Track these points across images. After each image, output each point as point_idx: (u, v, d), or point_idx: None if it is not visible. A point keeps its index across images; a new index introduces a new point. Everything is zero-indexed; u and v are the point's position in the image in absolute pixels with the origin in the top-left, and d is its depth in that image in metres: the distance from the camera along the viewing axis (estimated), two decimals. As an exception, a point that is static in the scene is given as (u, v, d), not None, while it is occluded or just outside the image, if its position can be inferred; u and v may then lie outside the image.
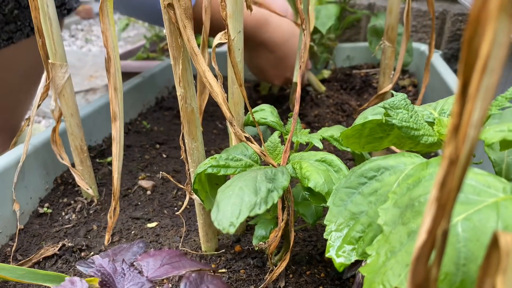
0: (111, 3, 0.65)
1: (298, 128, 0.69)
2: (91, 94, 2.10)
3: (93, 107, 1.11)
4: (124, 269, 0.49)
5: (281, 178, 0.52)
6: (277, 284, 0.66)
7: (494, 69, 0.18)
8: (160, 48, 2.18)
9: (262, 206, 0.48)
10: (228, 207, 0.48)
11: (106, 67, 0.67)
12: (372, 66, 1.48)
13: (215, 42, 0.59)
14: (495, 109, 0.48)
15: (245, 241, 0.77)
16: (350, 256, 0.43)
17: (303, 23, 0.67)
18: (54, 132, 0.85)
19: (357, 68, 1.49)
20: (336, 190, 0.47)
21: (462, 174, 0.21)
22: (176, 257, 0.54)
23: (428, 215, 0.22)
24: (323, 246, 0.74)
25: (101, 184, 0.96)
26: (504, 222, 0.31)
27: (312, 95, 1.30)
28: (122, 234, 0.81)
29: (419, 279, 0.23)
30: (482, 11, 0.18)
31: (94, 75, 2.32)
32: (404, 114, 0.48)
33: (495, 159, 0.51)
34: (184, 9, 0.52)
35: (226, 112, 0.58)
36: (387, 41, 0.94)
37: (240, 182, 0.51)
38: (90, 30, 4.18)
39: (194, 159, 0.65)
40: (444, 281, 0.31)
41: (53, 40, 0.77)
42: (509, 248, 0.20)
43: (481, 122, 0.19)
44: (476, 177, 0.35)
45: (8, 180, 0.82)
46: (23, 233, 0.82)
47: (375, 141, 0.56)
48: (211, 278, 0.50)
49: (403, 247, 0.34)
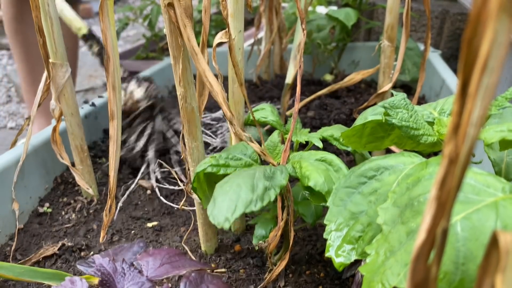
0: (111, 3, 0.65)
1: (298, 127, 0.69)
2: (90, 94, 2.10)
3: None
4: (124, 269, 0.49)
5: (280, 176, 0.52)
6: (276, 283, 0.66)
7: (494, 68, 0.18)
8: (159, 47, 2.18)
9: (258, 204, 0.48)
10: (224, 202, 0.48)
11: (105, 66, 0.67)
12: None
13: (216, 42, 0.59)
14: (495, 109, 0.48)
15: (245, 241, 0.77)
16: (349, 255, 0.43)
17: (303, 23, 0.67)
18: (54, 132, 0.85)
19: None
20: (336, 189, 0.47)
21: (462, 173, 0.21)
22: (175, 257, 0.54)
23: (428, 214, 0.22)
24: (322, 245, 0.74)
25: (101, 184, 0.96)
26: (503, 221, 0.31)
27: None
28: (122, 233, 0.81)
29: (419, 278, 0.23)
30: (482, 10, 0.18)
31: (94, 74, 2.31)
32: (404, 114, 0.48)
33: (494, 159, 0.51)
34: (184, 8, 0.52)
35: (226, 111, 0.58)
36: (387, 40, 0.94)
37: (238, 178, 0.51)
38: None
39: (194, 158, 0.65)
40: (443, 280, 0.31)
41: (53, 39, 0.77)
42: (508, 247, 0.20)
43: (481, 121, 0.20)
44: (476, 177, 0.35)
45: (8, 179, 0.82)
46: (23, 233, 0.82)
47: (376, 140, 0.56)
48: (211, 278, 0.50)
49: (402, 246, 0.34)
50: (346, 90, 1.37)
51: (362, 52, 1.52)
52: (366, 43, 1.55)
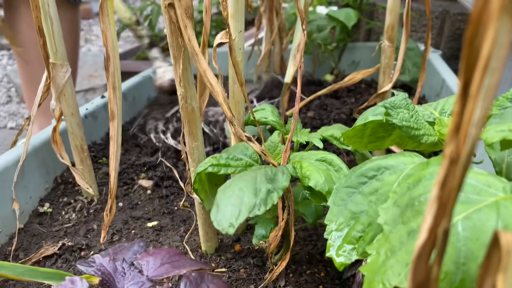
0: (111, 3, 0.65)
1: (298, 127, 0.69)
2: (91, 94, 2.10)
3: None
4: (125, 268, 0.49)
5: (281, 178, 0.52)
6: (277, 283, 0.66)
7: (495, 68, 0.19)
8: (160, 47, 2.17)
9: (262, 207, 0.48)
10: (227, 207, 0.48)
11: (105, 66, 0.67)
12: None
13: (216, 42, 0.59)
14: (496, 109, 0.48)
15: (245, 240, 0.77)
16: (350, 255, 0.43)
17: (303, 23, 0.67)
18: (54, 131, 0.85)
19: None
20: (336, 189, 0.47)
21: (463, 174, 0.21)
22: (176, 256, 0.54)
23: (429, 214, 0.22)
24: (323, 245, 0.74)
25: (101, 184, 0.96)
26: (504, 221, 0.31)
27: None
28: (122, 233, 0.81)
29: (420, 277, 0.23)
30: (483, 11, 0.18)
31: (94, 74, 2.31)
32: (404, 114, 0.48)
33: (495, 159, 0.51)
34: (184, 8, 0.52)
35: (226, 111, 0.58)
36: (387, 40, 0.94)
37: (240, 182, 0.51)
38: (89, 30, 4.18)
39: (194, 158, 0.65)
40: (444, 280, 0.31)
41: (54, 39, 0.77)
42: (509, 247, 0.20)
43: (482, 121, 0.20)
44: (477, 177, 0.35)
45: (8, 179, 0.82)
46: (23, 233, 0.82)
47: (377, 140, 0.56)
48: (211, 277, 0.50)
49: (403, 246, 0.34)
50: (346, 90, 1.37)
51: (362, 52, 1.52)
52: (366, 43, 1.56)
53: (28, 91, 1.41)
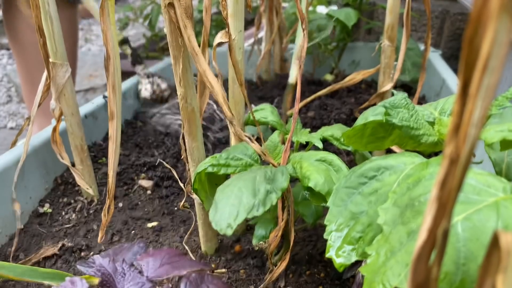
0: (111, 3, 0.65)
1: (299, 127, 0.69)
2: (91, 94, 2.10)
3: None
4: (124, 269, 0.49)
5: (281, 179, 0.52)
6: (277, 284, 0.66)
7: (495, 68, 0.18)
8: (160, 47, 2.18)
9: (260, 208, 0.48)
10: (226, 208, 0.48)
11: (105, 65, 0.67)
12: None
13: (216, 42, 0.59)
14: (496, 108, 0.48)
15: (245, 241, 0.77)
16: (350, 256, 0.43)
17: (303, 23, 0.67)
18: (54, 132, 0.85)
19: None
20: (336, 190, 0.47)
21: (463, 174, 0.21)
22: (176, 257, 0.54)
23: (429, 215, 0.22)
24: (323, 246, 0.74)
25: (101, 184, 0.96)
26: (504, 221, 0.31)
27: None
28: (122, 234, 0.81)
29: (420, 278, 0.23)
30: (483, 10, 0.18)
31: (94, 74, 2.31)
32: (404, 114, 0.48)
33: (495, 159, 0.51)
34: (184, 8, 0.52)
35: (226, 111, 0.57)
36: (387, 40, 0.94)
37: (239, 182, 0.51)
38: (89, 30, 4.18)
39: (194, 158, 0.65)
40: (444, 281, 0.31)
41: (54, 39, 0.77)
42: (509, 247, 0.20)
43: (481, 121, 0.19)
44: (476, 177, 0.35)
45: (8, 179, 0.82)
46: (23, 233, 0.82)
47: (377, 140, 0.56)
48: (211, 278, 0.50)
49: (403, 247, 0.34)
50: (347, 90, 1.37)
51: (362, 52, 1.52)
52: (366, 43, 1.55)
53: (27, 91, 1.41)
